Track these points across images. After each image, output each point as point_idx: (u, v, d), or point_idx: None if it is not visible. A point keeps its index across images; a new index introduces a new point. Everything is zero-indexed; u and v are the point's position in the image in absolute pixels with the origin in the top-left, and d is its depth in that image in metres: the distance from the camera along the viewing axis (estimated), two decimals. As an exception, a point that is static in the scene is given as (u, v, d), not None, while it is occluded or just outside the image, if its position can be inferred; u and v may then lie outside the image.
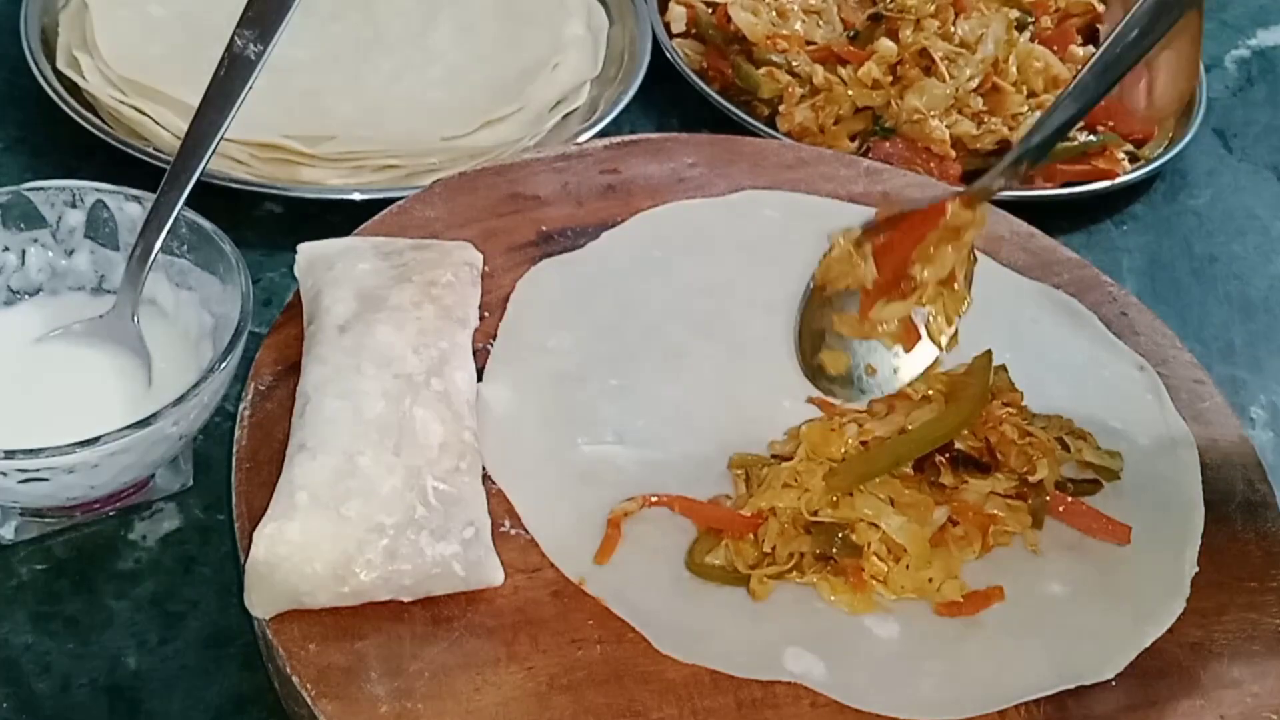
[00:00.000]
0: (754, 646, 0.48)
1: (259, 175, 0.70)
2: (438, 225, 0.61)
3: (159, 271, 0.56)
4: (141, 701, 0.51)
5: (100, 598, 0.54)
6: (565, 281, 0.59)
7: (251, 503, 0.49)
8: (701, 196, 0.64)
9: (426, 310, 0.53)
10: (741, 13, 0.83)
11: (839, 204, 0.65)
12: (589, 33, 0.83)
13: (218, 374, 0.51)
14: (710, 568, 0.50)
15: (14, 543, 0.54)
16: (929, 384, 0.54)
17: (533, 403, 0.54)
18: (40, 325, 0.56)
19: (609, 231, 0.62)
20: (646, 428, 0.54)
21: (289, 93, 0.75)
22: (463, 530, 0.47)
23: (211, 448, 0.58)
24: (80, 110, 0.71)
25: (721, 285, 0.60)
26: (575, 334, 0.57)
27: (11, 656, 0.51)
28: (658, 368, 0.56)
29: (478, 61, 0.80)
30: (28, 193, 0.57)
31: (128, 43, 0.75)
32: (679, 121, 0.82)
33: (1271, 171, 0.85)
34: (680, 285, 0.60)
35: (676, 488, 0.52)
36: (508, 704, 0.45)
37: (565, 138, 0.75)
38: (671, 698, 0.45)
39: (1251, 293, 0.76)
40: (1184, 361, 0.60)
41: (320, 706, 0.44)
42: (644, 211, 0.63)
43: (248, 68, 0.57)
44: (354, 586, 0.45)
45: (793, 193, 0.66)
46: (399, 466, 0.47)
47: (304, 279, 0.56)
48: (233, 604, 0.52)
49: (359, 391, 0.49)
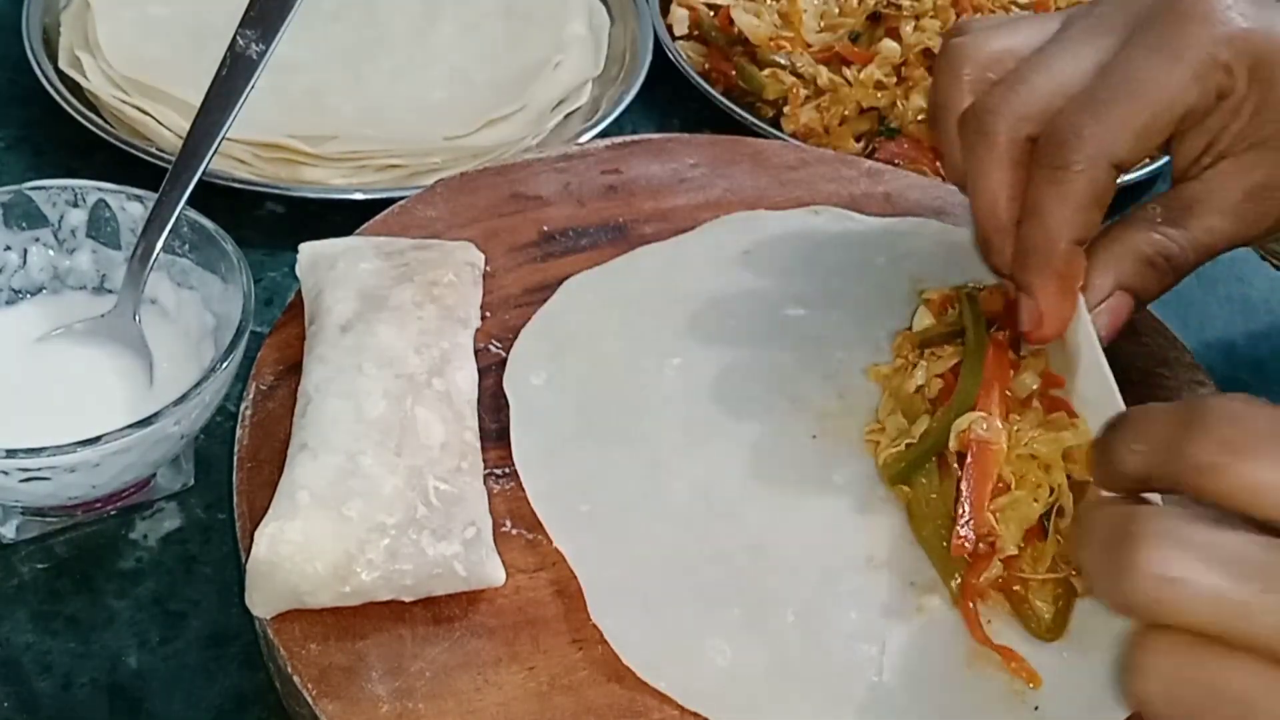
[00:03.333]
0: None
1: (261, 175, 0.70)
2: (439, 225, 0.61)
3: (161, 271, 0.57)
4: (142, 701, 0.51)
5: (101, 597, 0.54)
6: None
7: (253, 502, 0.49)
8: (703, 197, 0.64)
9: (428, 310, 0.53)
10: (744, 15, 0.83)
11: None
12: (590, 32, 0.83)
13: (219, 373, 0.51)
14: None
15: (15, 542, 0.54)
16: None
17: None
18: (42, 324, 0.57)
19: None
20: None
21: (291, 92, 0.75)
22: (464, 530, 0.47)
23: (213, 447, 0.58)
24: (82, 110, 0.71)
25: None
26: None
27: (12, 655, 0.52)
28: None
29: (480, 61, 0.80)
30: (29, 192, 0.57)
31: (130, 42, 0.75)
32: (680, 122, 0.82)
33: (1273, 173, 0.84)
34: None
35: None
36: (509, 704, 0.45)
37: (567, 137, 0.75)
38: (672, 698, 0.45)
39: (1252, 294, 0.76)
40: (1185, 363, 0.59)
41: (321, 706, 0.44)
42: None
43: (250, 67, 0.57)
44: (355, 586, 0.45)
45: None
46: (400, 466, 0.47)
47: (305, 279, 0.56)
48: (234, 603, 0.52)
49: (361, 391, 0.49)
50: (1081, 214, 0.48)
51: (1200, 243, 0.50)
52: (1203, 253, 0.51)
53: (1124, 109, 0.47)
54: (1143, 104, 0.47)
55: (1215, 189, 0.50)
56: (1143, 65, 0.47)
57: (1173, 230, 0.50)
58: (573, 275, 0.59)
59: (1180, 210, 0.51)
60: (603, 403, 0.54)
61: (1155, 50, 0.47)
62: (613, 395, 0.55)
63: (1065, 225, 0.48)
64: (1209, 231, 0.50)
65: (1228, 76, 0.48)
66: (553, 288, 0.59)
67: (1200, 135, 0.50)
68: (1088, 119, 0.47)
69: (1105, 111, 0.47)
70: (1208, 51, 0.47)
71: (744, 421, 0.54)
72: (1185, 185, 0.51)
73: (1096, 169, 0.47)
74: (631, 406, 0.54)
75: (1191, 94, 0.47)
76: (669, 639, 0.47)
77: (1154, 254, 0.50)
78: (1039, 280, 0.49)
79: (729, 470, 0.52)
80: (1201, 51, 0.47)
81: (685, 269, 0.60)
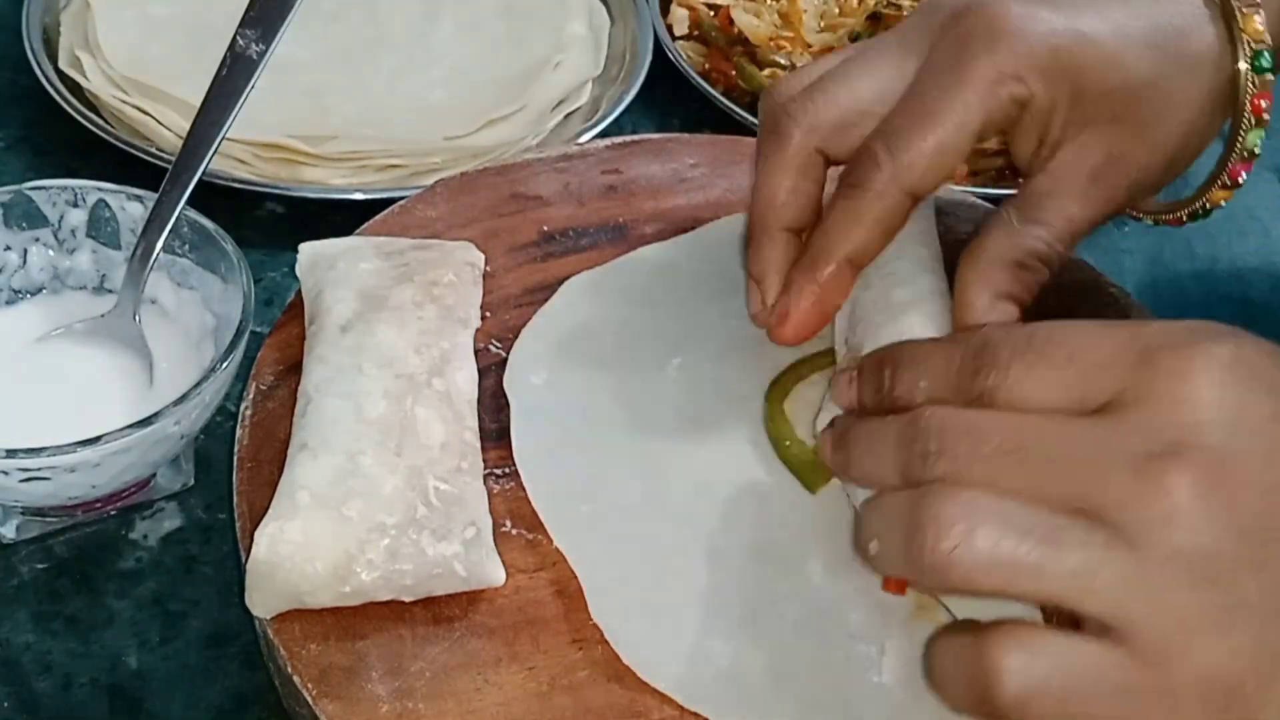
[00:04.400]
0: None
1: (261, 175, 0.70)
2: (439, 225, 0.61)
3: (161, 271, 0.57)
4: (142, 701, 0.51)
5: (101, 597, 0.54)
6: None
7: (253, 502, 0.49)
8: (703, 197, 0.64)
9: (428, 310, 0.53)
10: (744, 15, 0.83)
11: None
12: (590, 32, 0.83)
13: (219, 373, 0.51)
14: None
15: (15, 542, 0.54)
16: None
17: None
18: (42, 324, 0.57)
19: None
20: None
21: (291, 92, 0.75)
22: (464, 530, 0.47)
23: (213, 447, 0.58)
24: (82, 110, 0.71)
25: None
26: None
27: (12, 655, 0.52)
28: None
29: (479, 61, 0.80)
30: (29, 192, 0.57)
31: (130, 42, 0.75)
32: (680, 122, 0.82)
33: (1273, 173, 0.84)
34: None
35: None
36: (509, 704, 0.45)
37: (567, 137, 0.75)
38: (673, 698, 0.45)
39: (1253, 294, 0.76)
40: (1185, 363, 0.59)
41: (321, 706, 0.44)
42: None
43: (250, 67, 0.57)
44: (355, 586, 0.45)
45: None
46: (401, 466, 0.47)
47: (305, 279, 0.56)
48: (234, 603, 0.52)
49: (361, 391, 0.49)
50: (865, 232, 0.49)
51: (1063, 232, 0.51)
52: (1069, 240, 0.52)
53: (916, 136, 0.48)
54: (932, 131, 0.48)
55: (1060, 177, 0.51)
56: (930, 91, 0.49)
57: (1033, 228, 0.51)
58: (573, 275, 0.59)
59: (1034, 207, 0.51)
60: (603, 402, 0.54)
61: (943, 73, 0.49)
62: (613, 395, 0.55)
63: (846, 239, 0.50)
64: (1068, 220, 0.51)
65: (1020, 85, 0.48)
66: (553, 288, 0.59)
67: (1027, 134, 0.50)
68: (882, 147, 0.49)
69: (898, 140, 0.48)
70: (992, 69, 0.48)
71: (745, 421, 0.54)
72: (1032, 181, 0.52)
73: (888, 196, 0.49)
74: (632, 406, 0.54)
75: (981, 113, 0.48)
76: (669, 639, 0.47)
77: (1022, 257, 0.50)
78: (802, 281, 0.51)
79: (729, 470, 0.52)
80: (986, 69, 0.48)
81: (686, 269, 0.60)
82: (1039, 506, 0.37)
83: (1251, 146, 0.53)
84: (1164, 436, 0.36)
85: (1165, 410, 0.36)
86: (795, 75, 0.53)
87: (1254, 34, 0.51)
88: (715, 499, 0.51)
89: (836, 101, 0.50)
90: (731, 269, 0.60)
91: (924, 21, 0.51)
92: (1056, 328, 0.40)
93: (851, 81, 0.50)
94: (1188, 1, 0.51)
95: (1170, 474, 0.35)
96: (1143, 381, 0.37)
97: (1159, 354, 0.37)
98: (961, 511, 0.36)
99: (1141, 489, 0.35)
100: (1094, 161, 0.51)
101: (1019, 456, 0.37)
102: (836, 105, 0.50)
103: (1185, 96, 0.51)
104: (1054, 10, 0.49)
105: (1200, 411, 0.36)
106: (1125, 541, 0.35)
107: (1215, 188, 0.55)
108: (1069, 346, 0.39)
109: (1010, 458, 0.37)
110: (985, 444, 0.38)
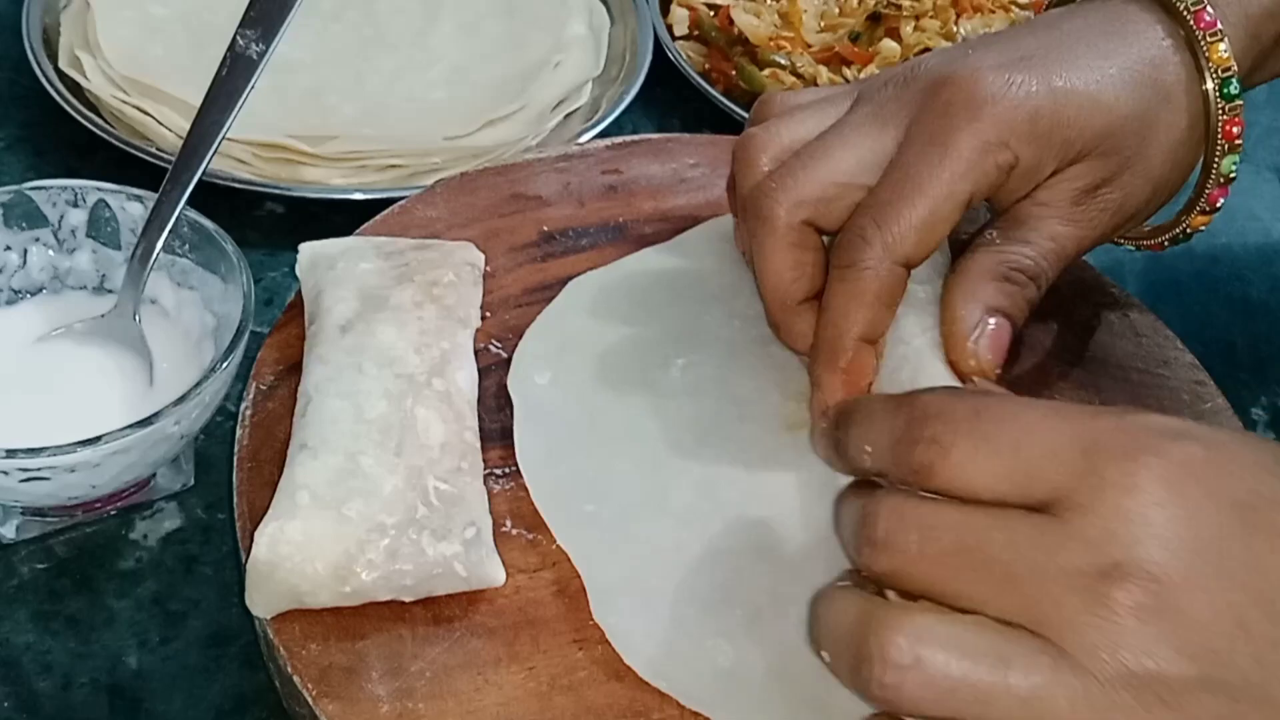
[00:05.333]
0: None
1: (261, 175, 0.70)
2: (439, 225, 0.61)
3: (161, 271, 0.57)
4: (142, 700, 0.51)
5: (101, 597, 0.54)
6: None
7: (253, 502, 0.49)
8: (703, 197, 0.64)
9: (428, 310, 0.53)
10: (744, 15, 0.83)
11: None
12: (590, 32, 0.83)
13: (219, 373, 0.51)
14: None
15: (15, 542, 0.54)
16: None
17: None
18: (42, 324, 0.57)
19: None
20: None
21: (291, 92, 0.75)
22: (464, 530, 0.47)
23: (213, 447, 0.58)
24: (82, 110, 0.71)
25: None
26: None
27: (12, 655, 0.52)
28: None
29: (479, 61, 0.80)
30: (29, 192, 0.57)
31: (130, 42, 0.75)
32: (680, 122, 0.82)
33: (1273, 173, 0.85)
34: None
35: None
36: (509, 704, 0.45)
37: (567, 137, 0.75)
38: (673, 698, 0.45)
39: (1253, 294, 0.76)
40: (1185, 363, 0.59)
41: (321, 706, 0.44)
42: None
43: (250, 67, 0.57)
44: (355, 586, 0.45)
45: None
46: (400, 466, 0.47)
47: (305, 279, 0.56)
48: (234, 603, 0.52)
49: (360, 391, 0.49)
50: (869, 311, 0.49)
51: (1048, 250, 0.52)
52: (1055, 258, 0.52)
53: (905, 209, 0.48)
54: (921, 203, 0.48)
55: (1045, 201, 0.51)
56: (916, 163, 0.48)
57: (1016, 245, 0.51)
58: (573, 275, 0.59)
59: (1016, 227, 0.52)
60: (607, 402, 0.54)
61: (927, 146, 0.48)
62: (618, 395, 0.55)
63: (853, 322, 0.49)
64: (1053, 238, 0.52)
65: (1005, 152, 0.49)
66: (553, 288, 0.59)
67: (1014, 189, 0.51)
68: (870, 222, 0.48)
69: (887, 214, 0.48)
70: (977, 139, 0.48)
71: (748, 422, 0.54)
72: (1016, 206, 0.52)
73: (882, 268, 0.48)
74: (636, 406, 0.54)
75: (969, 183, 0.48)
76: (671, 639, 0.47)
77: (1007, 270, 0.51)
78: (825, 374, 0.50)
79: (733, 471, 0.52)
80: (972, 140, 0.48)
81: (690, 268, 0.60)
82: (984, 625, 0.36)
83: (1226, 172, 0.53)
84: (1108, 554, 0.35)
85: (1109, 523, 0.36)
86: (767, 136, 0.52)
87: (1219, 61, 0.51)
88: (719, 499, 0.51)
89: (816, 177, 0.50)
90: (735, 268, 0.60)
91: (898, 94, 0.50)
92: (1005, 406, 0.39)
93: (831, 156, 0.50)
94: (1153, 36, 0.52)
95: (1114, 596, 0.35)
96: (1087, 488, 0.36)
97: (1104, 460, 0.36)
98: (907, 644, 0.36)
99: (1087, 612, 0.35)
100: (1080, 186, 0.51)
101: (965, 561, 0.37)
102: (817, 181, 0.49)
103: (1165, 124, 0.52)
104: (1028, 71, 0.49)
105: (1144, 528, 0.35)
106: (1072, 665, 0.35)
107: (1194, 213, 0.56)
108: (1014, 433, 0.37)
109: (956, 561, 0.37)
110: (932, 543, 0.37)
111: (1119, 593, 0.35)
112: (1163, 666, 0.35)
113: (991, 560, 0.37)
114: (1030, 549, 0.36)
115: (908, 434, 0.39)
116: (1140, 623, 0.35)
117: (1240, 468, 0.37)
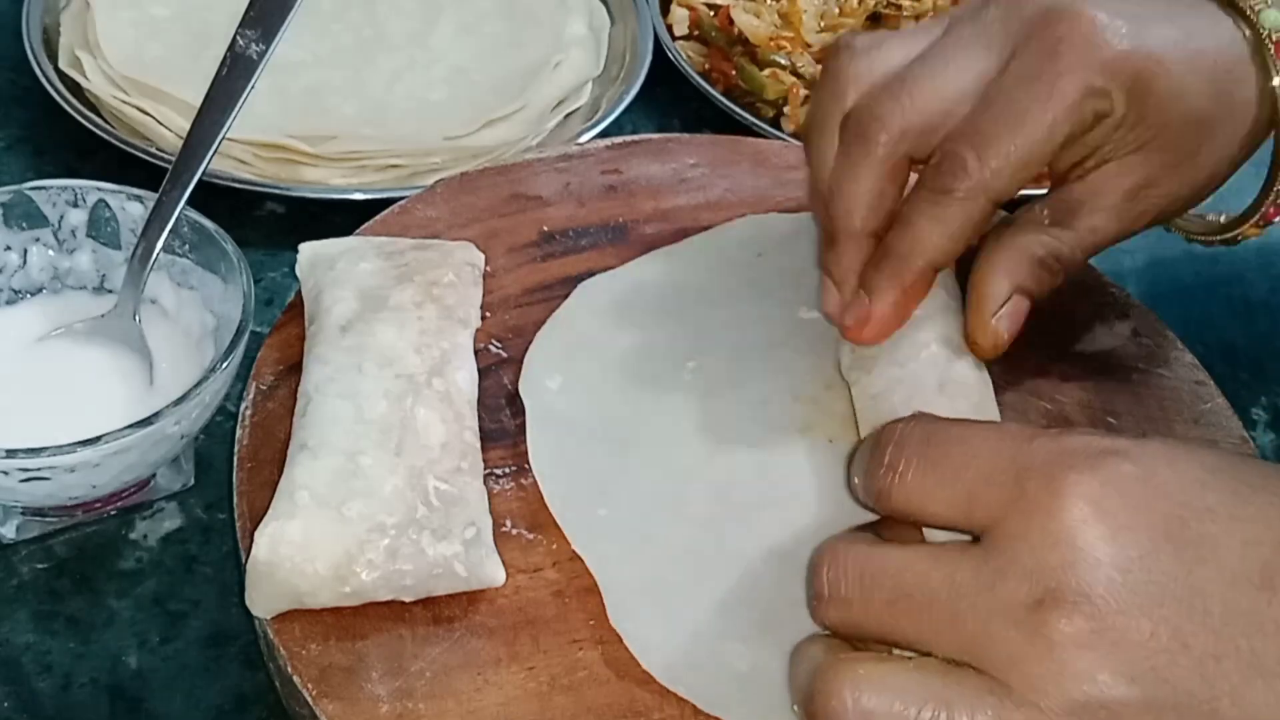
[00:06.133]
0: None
1: (261, 175, 0.70)
2: (439, 225, 0.61)
3: (161, 271, 0.57)
4: (142, 700, 0.51)
5: (101, 597, 0.54)
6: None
7: (253, 502, 0.49)
8: (703, 197, 0.64)
9: (428, 310, 0.53)
10: (744, 15, 0.83)
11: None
12: (590, 32, 0.83)
13: (219, 373, 0.51)
14: None
15: (15, 542, 0.54)
16: None
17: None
18: (42, 324, 0.57)
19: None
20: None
21: (291, 92, 0.75)
22: (464, 530, 0.47)
23: (213, 447, 0.58)
24: (82, 110, 0.71)
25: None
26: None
27: (12, 655, 0.52)
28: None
29: (479, 60, 0.80)
30: (29, 192, 0.57)
31: (130, 43, 0.75)
32: (680, 122, 0.82)
33: (1273, 173, 0.84)
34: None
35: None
36: (509, 704, 0.45)
37: (567, 137, 0.75)
38: (673, 698, 0.45)
39: (1252, 294, 0.76)
40: (1185, 363, 0.59)
41: (321, 706, 0.44)
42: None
43: (250, 67, 0.57)
44: (355, 586, 0.45)
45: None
46: (400, 466, 0.47)
47: (305, 279, 0.56)
48: (234, 603, 0.52)
49: (361, 391, 0.49)
50: (949, 240, 0.49)
51: (1086, 242, 0.52)
52: (1088, 251, 0.52)
53: (1007, 144, 0.47)
54: (1023, 140, 0.47)
55: (1098, 191, 0.51)
56: (1020, 97, 0.48)
57: (1060, 231, 0.51)
58: (573, 275, 0.59)
59: (1066, 212, 0.52)
60: (619, 406, 0.54)
61: (1033, 80, 0.48)
62: (629, 399, 0.55)
63: (931, 247, 0.49)
64: (1093, 231, 0.52)
65: (1105, 100, 0.48)
66: (553, 287, 0.59)
67: (1082, 147, 0.50)
68: (971, 153, 0.48)
69: (987, 146, 0.48)
70: (1084, 80, 0.48)
71: (760, 425, 0.54)
72: (1069, 187, 0.52)
73: (974, 202, 0.48)
74: (648, 410, 0.54)
75: (1068, 125, 0.48)
76: (687, 643, 0.47)
77: (1046, 255, 0.51)
78: (885, 284, 0.50)
79: (746, 474, 0.52)
80: (1078, 80, 0.47)
81: (699, 272, 0.60)
82: (929, 669, 0.37)
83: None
84: (1040, 582, 0.36)
85: (1038, 550, 0.36)
86: (861, 63, 0.50)
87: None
88: (733, 502, 0.51)
89: (925, 105, 0.48)
90: (746, 271, 0.60)
91: (1004, 17, 0.49)
92: (954, 431, 0.40)
93: (936, 79, 0.49)
94: (1229, 35, 0.51)
95: (1051, 624, 0.35)
96: (1017, 514, 0.37)
97: (1031, 484, 0.37)
98: (850, 696, 0.37)
99: (1027, 644, 0.35)
100: (1132, 183, 0.51)
101: (907, 606, 0.38)
102: (924, 109, 0.48)
103: (1226, 138, 0.52)
104: (1138, 26, 0.48)
105: (1073, 551, 0.35)
106: (1017, 700, 0.35)
107: (1249, 225, 0.56)
108: (958, 459, 0.38)
109: (899, 607, 0.38)
110: (875, 591, 0.38)
111: (1056, 621, 0.35)
112: (1105, 692, 0.35)
113: (932, 602, 0.37)
114: (969, 586, 0.37)
115: (873, 460, 0.40)
116: (1079, 649, 0.35)
117: (1169, 481, 0.37)
